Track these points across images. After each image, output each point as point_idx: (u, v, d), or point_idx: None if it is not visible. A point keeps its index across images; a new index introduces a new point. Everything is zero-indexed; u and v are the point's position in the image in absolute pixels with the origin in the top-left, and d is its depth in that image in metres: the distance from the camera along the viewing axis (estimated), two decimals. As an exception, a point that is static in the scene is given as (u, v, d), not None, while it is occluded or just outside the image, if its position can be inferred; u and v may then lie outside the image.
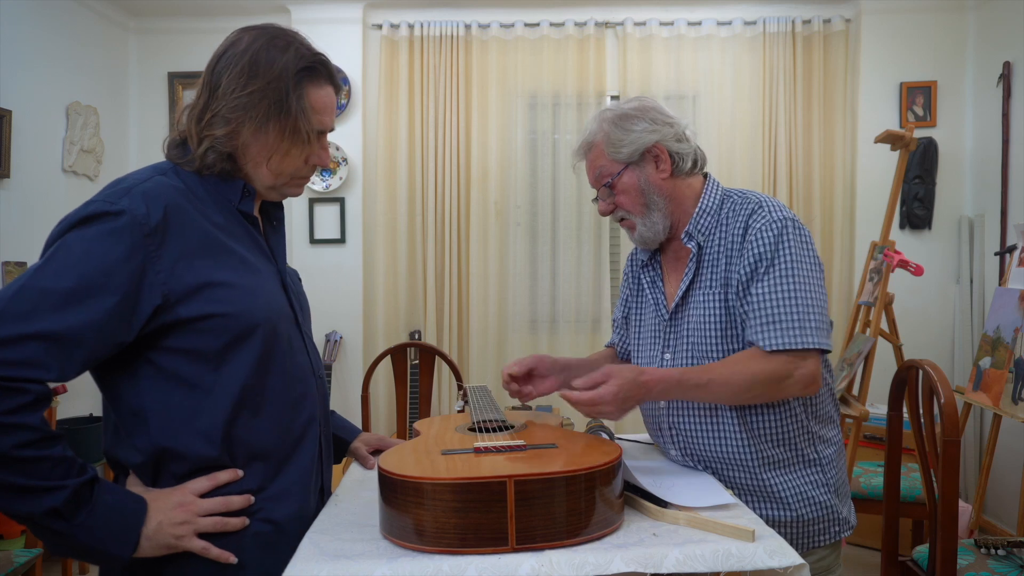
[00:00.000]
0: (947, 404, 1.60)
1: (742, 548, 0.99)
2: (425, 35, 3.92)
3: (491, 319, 3.94)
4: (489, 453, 1.11)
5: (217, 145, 1.10)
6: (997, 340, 2.71)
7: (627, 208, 1.43)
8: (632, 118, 1.42)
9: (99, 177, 3.80)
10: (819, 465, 1.38)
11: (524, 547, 0.97)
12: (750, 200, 1.38)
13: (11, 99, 3.18)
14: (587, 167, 1.48)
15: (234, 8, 3.95)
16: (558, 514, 0.99)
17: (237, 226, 1.15)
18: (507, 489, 0.97)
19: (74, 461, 0.98)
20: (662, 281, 1.50)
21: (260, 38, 1.12)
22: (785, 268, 1.29)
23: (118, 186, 1.05)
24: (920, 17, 3.82)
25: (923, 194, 3.76)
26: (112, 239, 0.99)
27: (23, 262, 3.23)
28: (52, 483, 0.94)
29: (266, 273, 1.17)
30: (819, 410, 1.40)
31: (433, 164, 3.92)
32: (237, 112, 1.09)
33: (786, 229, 1.31)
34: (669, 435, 1.43)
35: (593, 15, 3.92)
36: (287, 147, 1.13)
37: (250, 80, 1.08)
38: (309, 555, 0.99)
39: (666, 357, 1.44)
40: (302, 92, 1.12)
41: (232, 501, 1.08)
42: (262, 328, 1.10)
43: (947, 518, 1.65)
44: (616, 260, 3.97)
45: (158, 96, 4.10)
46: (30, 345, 0.93)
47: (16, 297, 0.94)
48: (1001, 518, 3.44)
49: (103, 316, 0.97)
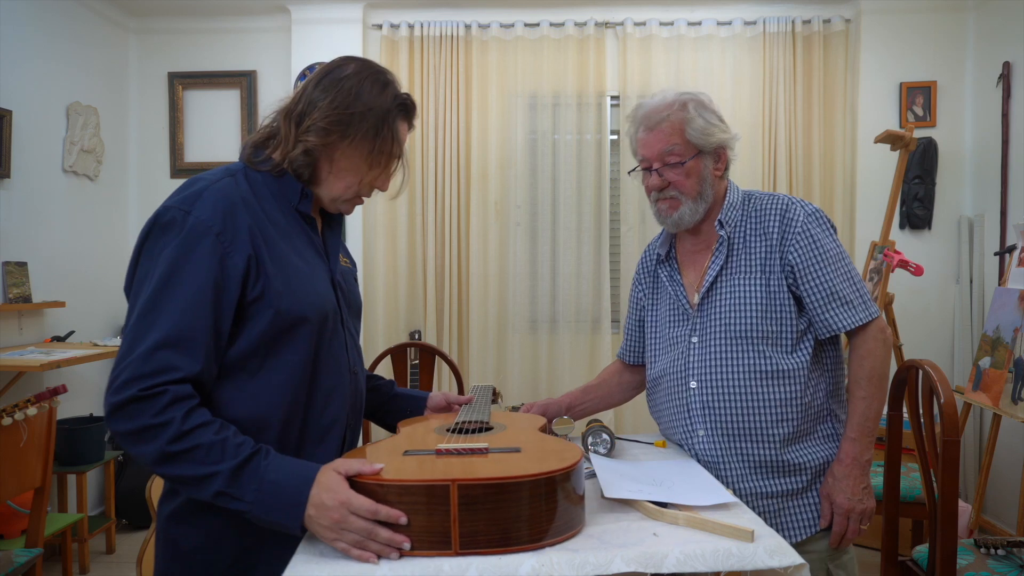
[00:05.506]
0: (947, 404, 1.60)
1: (742, 548, 0.99)
2: (425, 35, 3.92)
3: (491, 319, 3.94)
4: (448, 455, 1.09)
5: (312, 150, 1.22)
6: (997, 340, 2.71)
7: (683, 190, 1.51)
8: (712, 113, 1.52)
9: (99, 177, 3.80)
10: (834, 440, 1.51)
11: (467, 552, 0.96)
12: (777, 198, 1.53)
13: (11, 99, 3.18)
14: (651, 137, 1.52)
15: (234, 8, 3.95)
16: (503, 520, 0.97)
17: (294, 224, 1.25)
18: (450, 493, 0.96)
19: (226, 443, 1.05)
20: (679, 274, 1.61)
21: (366, 70, 1.26)
22: (836, 255, 1.48)
23: (191, 188, 1.16)
24: (920, 17, 3.82)
25: (923, 194, 3.76)
26: (190, 243, 1.10)
27: (23, 262, 3.23)
28: (208, 469, 1.03)
29: (317, 270, 1.25)
30: (838, 390, 1.54)
31: (433, 164, 3.92)
32: (337, 127, 1.21)
33: (824, 220, 1.51)
34: (701, 415, 1.49)
35: (593, 15, 3.92)
36: (367, 167, 1.25)
37: (354, 102, 1.21)
38: (309, 555, 0.99)
39: (693, 341, 1.53)
40: (395, 124, 1.26)
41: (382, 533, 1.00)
42: (308, 323, 1.18)
43: (947, 518, 1.65)
44: (616, 260, 3.97)
45: (158, 96, 4.10)
46: (157, 355, 1.05)
47: (136, 321, 1.08)
48: (1001, 518, 3.44)
49: (205, 309, 1.09)
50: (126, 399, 1.03)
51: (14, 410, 2.20)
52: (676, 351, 1.56)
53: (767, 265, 1.49)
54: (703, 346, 1.51)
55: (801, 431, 1.47)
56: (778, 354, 1.46)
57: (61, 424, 3.09)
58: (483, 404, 1.51)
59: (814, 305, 1.46)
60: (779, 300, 1.47)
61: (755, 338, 1.46)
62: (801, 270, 1.46)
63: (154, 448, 1.03)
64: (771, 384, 1.45)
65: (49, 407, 2.33)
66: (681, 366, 1.53)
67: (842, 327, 1.46)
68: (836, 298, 1.45)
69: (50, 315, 3.46)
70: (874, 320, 1.47)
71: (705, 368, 1.49)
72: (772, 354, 1.46)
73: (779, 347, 1.46)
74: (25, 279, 3.23)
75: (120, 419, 1.04)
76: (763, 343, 1.46)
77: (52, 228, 3.46)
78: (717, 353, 1.49)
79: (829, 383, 1.51)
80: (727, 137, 1.53)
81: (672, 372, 1.56)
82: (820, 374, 1.50)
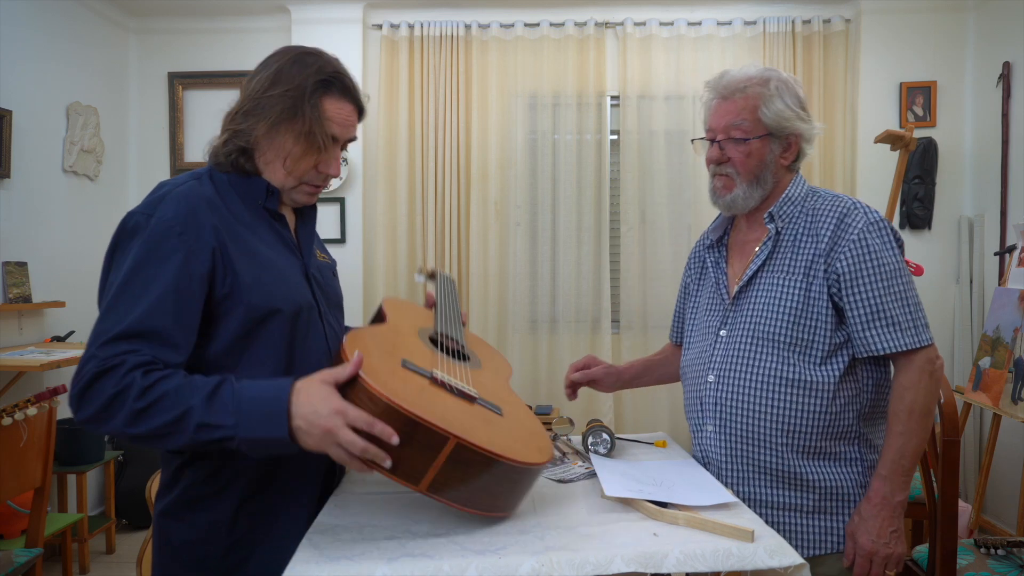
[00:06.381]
0: (947, 404, 1.60)
1: (742, 548, 0.99)
2: (425, 35, 3.92)
3: (491, 319, 3.94)
4: (443, 389, 1.11)
5: (236, 139, 1.21)
6: (997, 340, 2.71)
7: (740, 169, 1.43)
8: (795, 98, 1.43)
9: (99, 177, 3.80)
10: (859, 465, 1.39)
11: (431, 494, 1.01)
12: (842, 200, 1.41)
13: (11, 99, 3.18)
14: (723, 107, 1.44)
15: (234, 8, 3.95)
16: (475, 485, 1.02)
17: (262, 222, 1.25)
18: (446, 444, 0.99)
19: (193, 382, 1.03)
20: (726, 263, 1.54)
21: (291, 52, 1.24)
22: (892, 271, 1.35)
23: (155, 194, 1.17)
24: (920, 17, 3.82)
25: (923, 194, 3.76)
26: (153, 243, 1.10)
27: (23, 262, 3.23)
28: (181, 408, 1.01)
29: (289, 264, 1.25)
30: (874, 414, 1.41)
31: (433, 164, 3.92)
32: (257, 111, 1.20)
33: (886, 231, 1.37)
34: (712, 410, 1.44)
35: (593, 15, 3.92)
36: (300, 151, 1.21)
37: (273, 85, 1.20)
38: (309, 555, 0.99)
39: (721, 334, 1.47)
40: (317, 101, 1.21)
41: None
42: (281, 315, 1.18)
43: (947, 518, 1.65)
44: (616, 260, 3.97)
45: (158, 96, 4.10)
46: (119, 343, 1.04)
47: (99, 319, 1.08)
48: (1001, 518, 3.44)
49: (168, 306, 1.08)
50: (86, 381, 1.02)
51: (14, 410, 2.20)
52: (705, 341, 1.50)
53: (811, 269, 1.38)
54: (729, 341, 1.44)
55: (817, 447, 1.37)
56: (803, 363, 1.36)
57: (61, 424, 3.09)
58: (454, 311, 1.48)
59: (855, 320, 1.35)
60: (817, 308, 1.36)
61: (782, 343, 1.37)
62: (848, 280, 1.35)
63: (123, 414, 1.01)
64: (789, 392, 1.36)
65: (49, 407, 2.33)
66: (706, 358, 1.48)
67: (882, 349, 1.33)
68: (882, 316, 1.33)
69: (50, 315, 3.46)
70: (923, 348, 1.33)
71: (726, 364, 1.43)
72: (797, 362, 1.36)
73: (807, 356, 1.36)
74: (25, 279, 3.23)
75: (85, 404, 1.02)
76: (788, 349, 1.37)
77: (52, 228, 3.46)
78: (740, 351, 1.42)
79: (863, 404, 1.39)
80: (804, 127, 1.43)
81: (697, 362, 1.51)
82: (854, 393, 1.38)
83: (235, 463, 1.17)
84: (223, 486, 1.17)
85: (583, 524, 1.10)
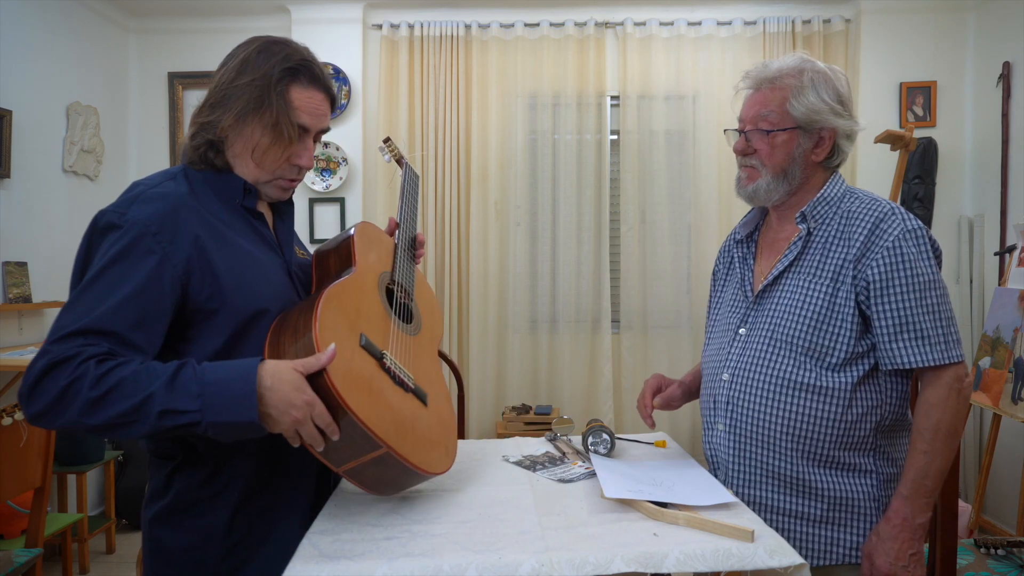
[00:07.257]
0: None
1: (742, 548, 0.99)
2: (425, 35, 3.92)
3: (491, 319, 3.94)
4: (387, 376, 1.17)
5: (203, 132, 1.18)
6: (997, 340, 2.71)
7: (765, 161, 1.39)
8: (833, 92, 1.38)
9: (99, 177, 3.80)
10: (874, 478, 1.34)
11: (344, 476, 1.11)
12: (880, 203, 1.35)
13: (11, 99, 3.18)
14: (753, 98, 1.42)
15: (234, 8, 3.95)
16: (383, 477, 1.12)
17: (240, 221, 1.21)
18: (378, 451, 1.07)
19: (151, 367, 1.01)
20: (753, 259, 1.50)
21: (257, 42, 1.21)
22: (927, 282, 1.29)
23: (129, 193, 1.13)
24: (920, 17, 3.82)
25: (923, 194, 3.76)
26: (126, 243, 1.07)
27: (23, 262, 3.23)
28: (141, 395, 0.98)
29: (270, 262, 1.23)
30: (896, 427, 1.37)
31: (433, 164, 3.92)
32: (224, 103, 1.17)
33: (923, 240, 1.31)
34: (724, 409, 1.42)
35: (593, 15, 3.92)
36: (268, 142, 1.18)
37: (239, 75, 1.17)
38: (309, 555, 0.99)
39: (740, 332, 1.44)
40: (283, 90, 1.18)
41: None
42: (269, 316, 1.16)
43: (947, 518, 1.64)
44: (616, 260, 3.97)
45: (158, 96, 4.10)
46: (75, 339, 1.00)
47: (64, 310, 1.05)
48: (1001, 518, 3.44)
49: (133, 308, 1.04)
50: (37, 374, 0.98)
51: (14, 410, 2.20)
52: (725, 338, 1.47)
53: (840, 274, 1.32)
54: (747, 341, 1.41)
55: (829, 456, 1.33)
56: (820, 368, 1.32)
57: (61, 424, 3.09)
58: (412, 214, 1.52)
59: (882, 331, 1.29)
60: (841, 316, 1.31)
61: (799, 348, 1.33)
62: (877, 289, 1.29)
63: (77, 403, 0.96)
64: (802, 397, 1.32)
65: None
66: (723, 355, 1.45)
67: (908, 363, 1.28)
68: (910, 328, 1.27)
69: (50, 315, 3.46)
70: (952, 365, 1.28)
71: (741, 364, 1.40)
72: (813, 367, 1.32)
73: (824, 363, 1.32)
74: (25, 279, 3.23)
75: (36, 398, 0.98)
76: (805, 355, 1.32)
77: (52, 228, 3.46)
78: (756, 352, 1.38)
79: (883, 416, 1.34)
80: (840, 123, 1.37)
81: (715, 359, 1.48)
82: (875, 403, 1.33)
83: (231, 467, 1.15)
84: (219, 491, 1.15)
85: (583, 524, 1.10)
